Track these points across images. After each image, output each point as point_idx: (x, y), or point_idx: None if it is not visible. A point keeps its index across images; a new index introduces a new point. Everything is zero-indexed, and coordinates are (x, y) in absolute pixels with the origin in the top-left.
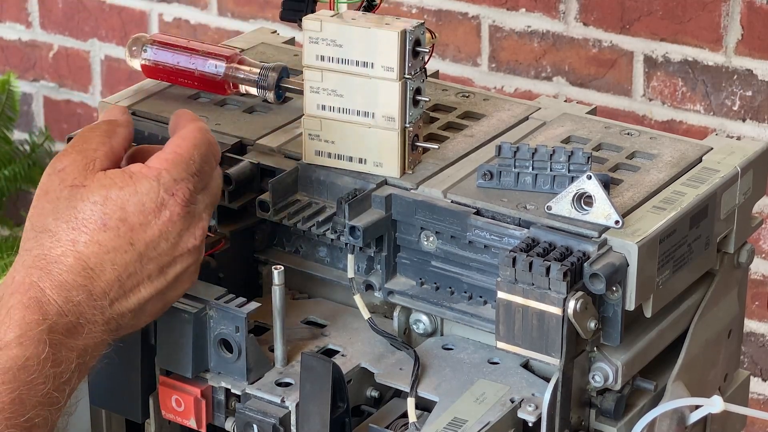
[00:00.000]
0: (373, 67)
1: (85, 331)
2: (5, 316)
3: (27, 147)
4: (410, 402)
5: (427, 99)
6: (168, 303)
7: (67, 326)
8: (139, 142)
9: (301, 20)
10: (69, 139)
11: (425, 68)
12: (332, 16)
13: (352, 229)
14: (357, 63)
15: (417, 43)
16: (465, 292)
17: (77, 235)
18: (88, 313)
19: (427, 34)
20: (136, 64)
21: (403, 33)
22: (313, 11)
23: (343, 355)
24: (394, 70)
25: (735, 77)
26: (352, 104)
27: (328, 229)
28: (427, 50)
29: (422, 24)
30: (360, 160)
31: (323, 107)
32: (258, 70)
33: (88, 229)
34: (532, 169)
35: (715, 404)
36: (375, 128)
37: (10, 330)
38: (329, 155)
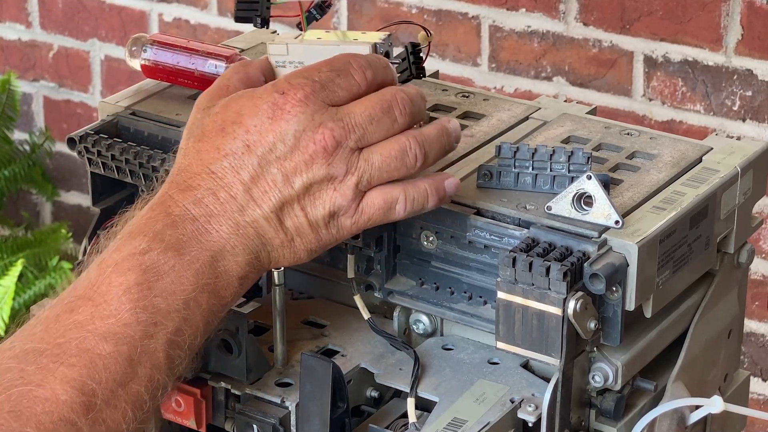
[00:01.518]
0: None
1: (214, 231)
2: (136, 226)
3: (27, 147)
4: (410, 402)
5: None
6: (314, 225)
7: (195, 225)
8: (139, 142)
9: (256, 19)
10: (69, 140)
11: (424, 68)
12: (296, 38)
13: None
14: None
15: (387, 55)
16: (465, 292)
17: (201, 145)
18: (217, 215)
19: (423, 33)
20: (136, 64)
21: (374, 47)
22: (267, 9)
23: (343, 355)
24: None
25: (735, 77)
26: None
27: None
28: (398, 62)
29: (390, 36)
30: None
31: None
32: None
33: (209, 137)
34: (532, 169)
35: (715, 404)
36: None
37: (138, 231)
38: None
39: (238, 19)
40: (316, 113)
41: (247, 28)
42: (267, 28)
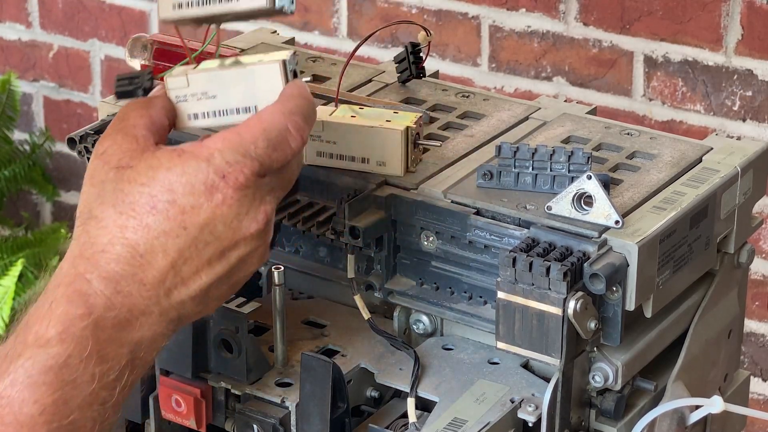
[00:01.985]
0: (256, 110)
1: (137, 325)
2: (47, 311)
3: (27, 147)
4: (410, 402)
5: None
6: (236, 286)
7: (116, 320)
8: None
9: (138, 92)
10: (69, 140)
11: (424, 68)
12: (195, 68)
13: (352, 229)
14: (237, 111)
15: (295, 74)
16: (465, 292)
17: (125, 220)
18: (140, 305)
19: (423, 33)
20: (136, 64)
21: (283, 63)
22: (149, 79)
23: (343, 355)
24: None
25: (735, 77)
26: (228, 103)
27: (328, 229)
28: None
29: (295, 53)
30: (363, 160)
31: None
32: None
33: (136, 213)
34: (532, 169)
35: (715, 404)
36: (378, 128)
37: (51, 326)
38: (331, 156)
39: (120, 95)
40: (256, 193)
41: (247, 27)
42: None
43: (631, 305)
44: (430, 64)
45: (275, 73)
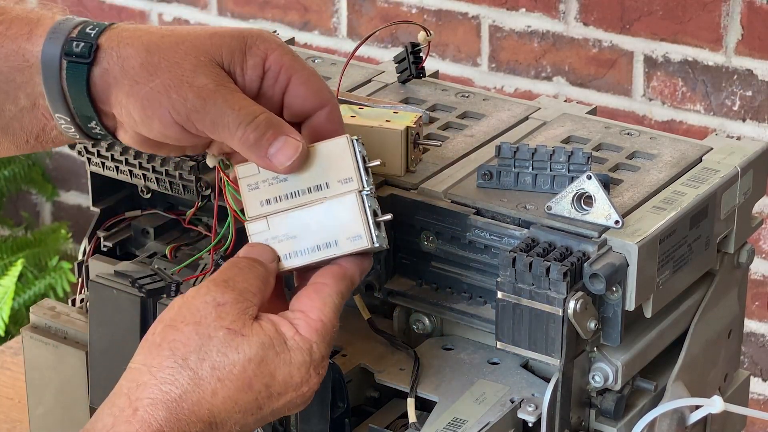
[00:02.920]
0: (329, 187)
1: None
2: None
3: None
4: (410, 402)
5: (389, 217)
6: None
7: None
8: None
9: None
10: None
11: (424, 68)
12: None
13: None
14: (309, 190)
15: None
16: (465, 292)
17: (220, 387)
18: None
19: (423, 33)
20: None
21: (349, 139)
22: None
23: (343, 355)
24: (353, 179)
25: (735, 77)
26: (311, 241)
27: None
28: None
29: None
30: None
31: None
32: None
33: (233, 385)
34: (532, 169)
35: (715, 404)
36: (378, 128)
37: None
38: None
39: (151, 294)
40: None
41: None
42: None
43: (631, 305)
44: (430, 64)
45: (343, 149)
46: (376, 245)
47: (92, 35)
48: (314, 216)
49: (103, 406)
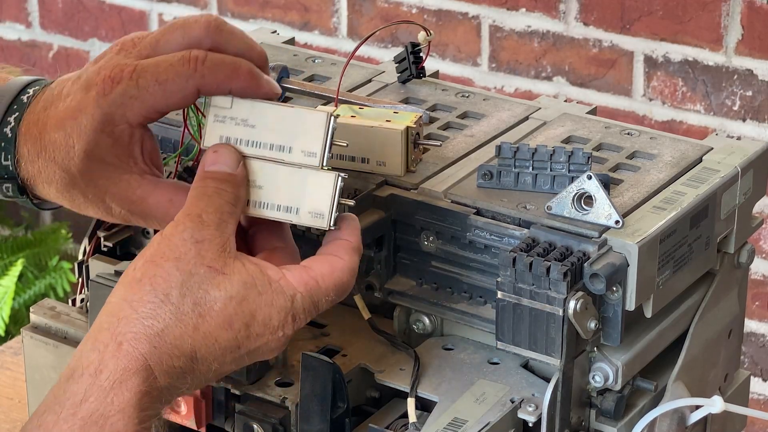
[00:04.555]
0: (291, 152)
1: (163, 406)
2: (114, 395)
3: None
4: (410, 402)
5: (352, 202)
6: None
7: (157, 409)
8: None
9: None
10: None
11: (424, 68)
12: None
13: None
14: (271, 147)
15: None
16: (465, 292)
17: (201, 322)
18: (175, 396)
19: (423, 33)
20: None
21: (328, 119)
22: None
23: (343, 355)
24: (316, 155)
25: (735, 77)
26: (274, 199)
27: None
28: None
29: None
30: (363, 160)
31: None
32: None
33: (213, 321)
34: (532, 169)
35: (715, 404)
36: (378, 128)
37: (118, 418)
38: (331, 156)
39: None
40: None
41: (247, 27)
42: None
43: (631, 305)
44: (430, 64)
45: (320, 124)
46: (332, 228)
47: (11, 169)
48: (284, 176)
49: (85, 343)
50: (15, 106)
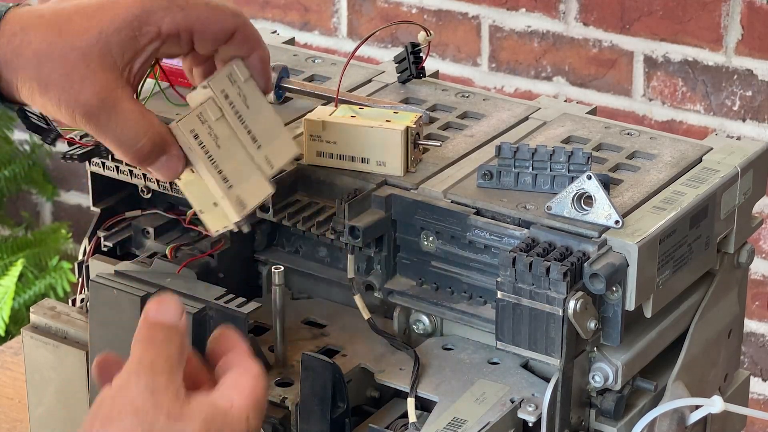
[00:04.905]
0: (368, 163)
1: None
2: None
3: (27, 147)
4: (410, 402)
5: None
6: None
7: None
8: None
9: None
10: (70, 143)
11: (424, 68)
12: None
13: (352, 229)
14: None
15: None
16: (465, 292)
17: None
18: None
19: (423, 33)
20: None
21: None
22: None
23: (343, 355)
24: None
25: (735, 77)
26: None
27: (328, 229)
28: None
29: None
30: (363, 160)
31: None
32: None
33: None
34: (532, 169)
35: (715, 404)
36: (378, 128)
37: None
38: (331, 156)
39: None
40: None
41: None
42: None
43: (631, 305)
44: (430, 64)
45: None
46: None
47: None
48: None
49: None
50: None
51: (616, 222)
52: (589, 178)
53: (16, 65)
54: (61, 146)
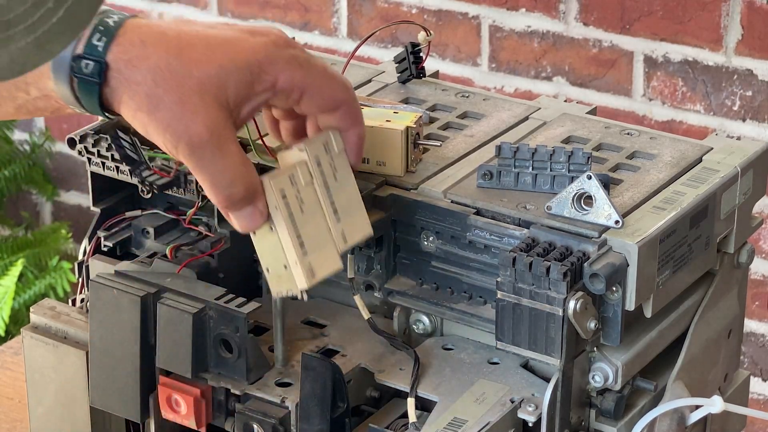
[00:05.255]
0: (368, 162)
1: None
2: None
3: (27, 147)
4: (410, 402)
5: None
6: None
7: None
8: (140, 142)
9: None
10: (69, 140)
11: (424, 68)
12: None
13: None
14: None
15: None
16: (465, 292)
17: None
18: None
19: (423, 33)
20: None
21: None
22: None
23: (343, 355)
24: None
25: (735, 77)
26: None
27: None
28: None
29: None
30: (363, 160)
31: None
32: None
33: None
34: (532, 169)
35: (715, 404)
36: (378, 128)
37: None
38: None
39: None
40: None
41: None
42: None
43: (631, 305)
44: (430, 64)
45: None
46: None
47: (100, 49)
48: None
49: None
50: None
51: (616, 222)
52: (589, 178)
53: (129, 77)
54: (62, 146)
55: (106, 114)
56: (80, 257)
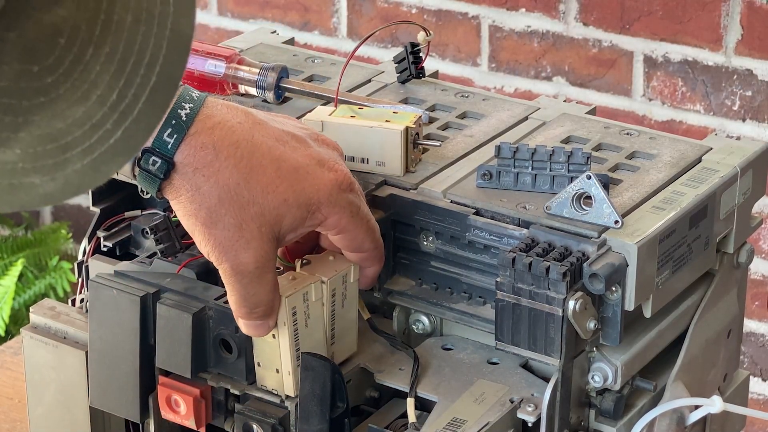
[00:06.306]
0: (367, 162)
1: None
2: None
3: None
4: (410, 402)
5: None
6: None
7: None
8: None
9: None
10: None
11: (423, 68)
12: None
13: None
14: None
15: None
16: (464, 293)
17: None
18: None
19: (423, 33)
20: None
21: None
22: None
23: None
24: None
25: (735, 77)
26: None
27: None
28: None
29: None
30: (362, 160)
31: None
32: (257, 71)
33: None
34: (532, 169)
35: (714, 404)
36: (377, 128)
37: None
38: None
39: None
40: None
41: (248, 27)
42: None
43: (630, 305)
44: (430, 64)
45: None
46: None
47: (170, 147)
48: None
49: None
50: (191, 97)
51: (616, 222)
52: (589, 178)
53: (195, 185)
54: None
55: (160, 197)
56: (80, 257)
